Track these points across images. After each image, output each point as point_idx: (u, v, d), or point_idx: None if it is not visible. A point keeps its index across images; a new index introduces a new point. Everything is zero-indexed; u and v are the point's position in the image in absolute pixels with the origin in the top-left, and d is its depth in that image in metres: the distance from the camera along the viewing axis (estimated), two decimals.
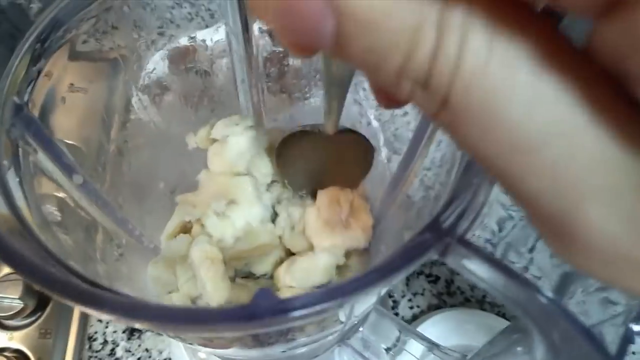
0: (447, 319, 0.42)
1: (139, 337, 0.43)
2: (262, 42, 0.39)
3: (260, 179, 0.26)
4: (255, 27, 0.34)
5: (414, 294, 0.45)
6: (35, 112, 0.16)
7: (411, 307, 0.44)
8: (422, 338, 0.24)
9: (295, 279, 0.23)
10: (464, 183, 0.12)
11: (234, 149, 0.26)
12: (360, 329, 0.25)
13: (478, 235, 0.12)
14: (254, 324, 0.09)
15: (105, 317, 0.10)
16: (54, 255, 0.13)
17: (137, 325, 0.11)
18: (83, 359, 0.42)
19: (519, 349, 0.15)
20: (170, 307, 0.10)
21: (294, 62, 0.39)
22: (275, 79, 0.37)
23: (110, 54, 0.36)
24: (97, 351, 0.42)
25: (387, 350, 0.25)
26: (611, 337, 0.13)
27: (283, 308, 0.09)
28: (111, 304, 0.09)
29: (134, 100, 0.35)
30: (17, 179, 0.14)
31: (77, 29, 0.27)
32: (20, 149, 0.15)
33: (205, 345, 0.19)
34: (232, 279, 0.24)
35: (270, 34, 0.41)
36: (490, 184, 0.11)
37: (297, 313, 0.09)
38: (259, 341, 0.17)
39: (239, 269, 0.25)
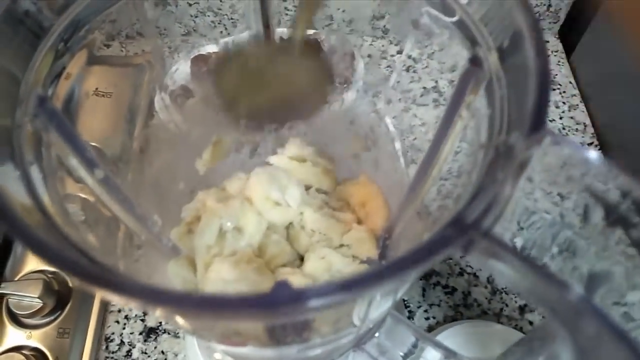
0: (463, 331, 0.41)
1: (155, 340, 0.43)
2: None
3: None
4: (277, 32, 0.35)
5: (430, 305, 0.44)
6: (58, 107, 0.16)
7: (427, 318, 0.44)
8: (439, 345, 0.24)
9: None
10: (488, 179, 0.12)
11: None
12: (376, 334, 0.25)
13: (501, 232, 0.12)
14: (272, 312, 0.09)
15: (127, 301, 0.10)
16: (77, 246, 0.13)
17: (157, 312, 0.11)
18: (100, 359, 0.42)
19: (540, 358, 0.15)
20: (190, 293, 0.10)
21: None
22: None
23: (135, 59, 0.36)
24: (113, 352, 0.43)
25: (404, 357, 0.24)
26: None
27: (301, 296, 0.09)
28: (133, 287, 0.10)
29: (157, 104, 0.36)
30: (41, 175, 0.15)
31: (99, 30, 0.27)
32: (43, 143, 0.15)
33: (221, 343, 0.19)
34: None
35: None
36: (516, 179, 0.11)
37: (314, 302, 0.09)
38: (275, 338, 0.16)
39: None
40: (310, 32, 0.42)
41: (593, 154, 0.12)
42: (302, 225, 0.26)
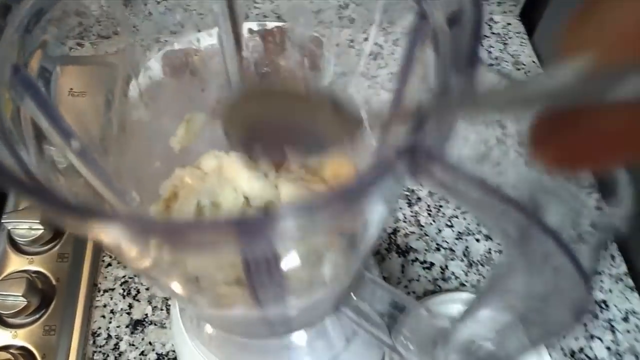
0: (442, 302, 0.43)
1: (142, 331, 0.44)
2: (251, 44, 0.40)
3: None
4: (245, 28, 0.36)
5: (410, 280, 0.46)
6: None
7: (407, 293, 0.45)
8: (411, 302, 0.25)
9: None
10: (430, 111, 0.13)
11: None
12: (353, 297, 0.26)
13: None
14: (242, 232, 0.10)
15: (118, 232, 0.10)
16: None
17: (147, 254, 0.11)
18: (87, 354, 0.43)
19: (502, 271, 0.16)
20: (169, 219, 0.11)
21: (284, 62, 0.40)
22: (266, 78, 0.39)
23: (106, 58, 0.37)
24: (101, 346, 0.43)
25: (382, 315, 0.26)
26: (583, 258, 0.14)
27: (268, 216, 0.10)
28: (125, 217, 0.10)
29: (131, 101, 0.36)
30: (22, 141, 0.15)
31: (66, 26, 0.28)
32: (21, 111, 0.16)
33: (212, 307, 0.20)
34: None
35: (261, 35, 0.42)
36: (456, 109, 0.12)
37: (280, 221, 0.10)
38: (254, 288, 0.17)
39: None
40: (279, 24, 0.43)
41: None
42: (278, 199, 0.27)
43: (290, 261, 0.17)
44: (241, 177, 0.25)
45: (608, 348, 0.43)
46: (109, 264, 0.47)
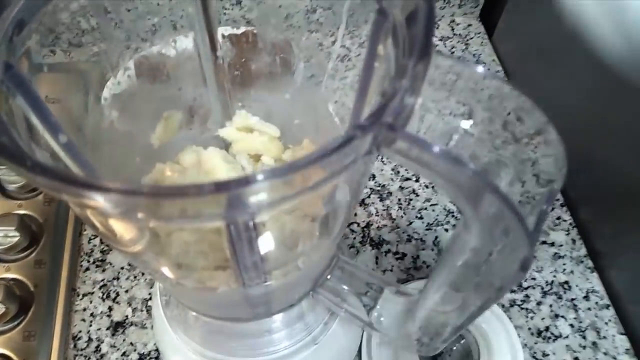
0: (414, 289, 0.45)
1: (123, 332, 0.44)
2: (224, 47, 0.42)
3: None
4: (220, 32, 0.37)
5: (384, 271, 0.48)
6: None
7: None
8: (382, 280, 0.27)
9: None
10: (390, 91, 0.15)
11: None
12: (328, 277, 0.28)
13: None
14: (222, 192, 0.12)
15: (105, 200, 0.12)
16: None
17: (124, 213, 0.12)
18: (69, 357, 0.43)
19: (460, 235, 0.17)
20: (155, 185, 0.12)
21: (256, 65, 0.42)
22: (239, 80, 0.40)
23: (79, 65, 0.38)
24: (82, 349, 0.43)
25: (359, 296, 0.27)
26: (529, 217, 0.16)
27: (247, 178, 0.12)
28: (111, 186, 0.12)
29: (104, 105, 0.37)
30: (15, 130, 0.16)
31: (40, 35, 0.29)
32: (13, 106, 0.17)
33: (197, 287, 0.21)
34: None
35: (231, 39, 0.43)
36: (414, 89, 0.14)
37: (257, 183, 0.12)
38: (238, 269, 0.19)
39: None
40: (249, 28, 0.45)
41: (479, 67, 0.16)
42: None
43: (268, 238, 0.19)
44: (219, 170, 0.26)
45: (571, 325, 0.45)
46: (87, 269, 0.47)
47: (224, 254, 0.23)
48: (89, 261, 0.48)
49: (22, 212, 0.48)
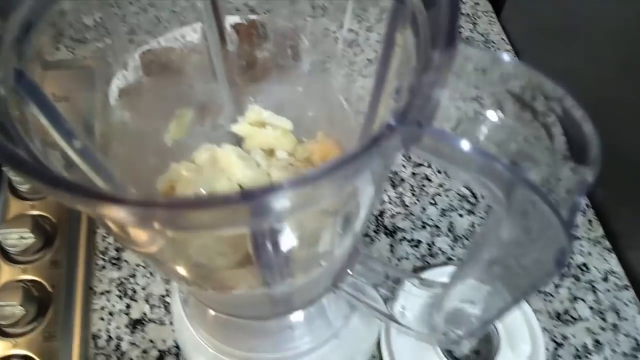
0: (431, 277, 0.44)
1: (142, 330, 0.44)
2: (233, 37, 0.41)
3: None
4: (228, 22, 0.36)
5: (399, 259, 0.47)
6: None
7: None
8: (404, 272, 0.26)
9: None
10: (416, 86, 0.14)
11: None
12: (350, 272, 0.27)
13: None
14: (249, 201, 0.11)
15: (120, 213, 0.11)
16: None
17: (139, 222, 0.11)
18: (90, 356, 0.43)
19: (491, 230, 0.17)
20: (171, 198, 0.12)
21: (265, 54, 0.41)
22: (249, 74, 0.40)
23: (84, 62, 0.37)
24: (102, 348, 0.44)
25: (376, 287, 0.27)
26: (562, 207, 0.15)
27: (269, 189, 0.11)
28: (127, 199, 0.11)
29: (112, 104, 0.37)
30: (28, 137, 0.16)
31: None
32: (26, 113, 0.16)
33: (217, 289, 0.21)
34: None
35: (237, 29, 0.43)
36: (440, 83, 0.14)
37: (283, 192, 0.12)
38: (261, 270, 0.18)
39: None
40: (253, 17, 0.44)
41: (505, 55, 0.15)
42: None
43: (292, 238, 0.19)
44: (235, 167, 0.26)
45: (591, 307, 0.45)
46: (103, 267, 0.47)
47: (244, 253, 0.23)
48: (104, 259, 0.48)
49: (35, 212, 0.48)
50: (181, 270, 0.24)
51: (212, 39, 0.31)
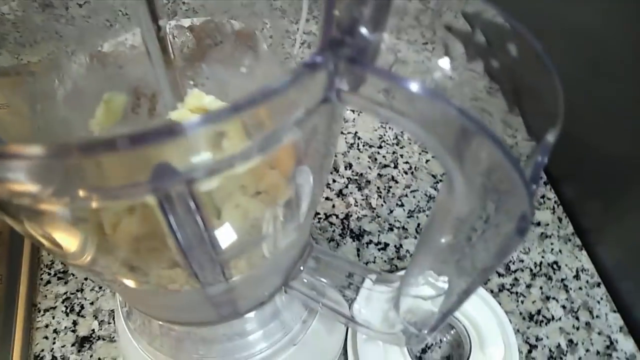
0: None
1: (90, 348, 0.41)
2: (181, 39, 0.39)
3: None
4: (173, 24, 0.34)
5: (366, 263, 0.45)
6: None
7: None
8: (365, 269, 0.24)
9: None
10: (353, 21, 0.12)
11: None
12: (302, 268, 0.25)
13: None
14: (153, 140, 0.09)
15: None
16: None
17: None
18: None
19: (443, 202, 0.15)
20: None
21: (219, 55, 0.39)
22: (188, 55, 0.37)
23: (29, 67, 0.35)
24: None
25: (338, 287, 0.25)
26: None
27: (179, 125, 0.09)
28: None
29: (59, 108, 0.34)
30: None
31: None
32: None
33: (160, 287, 0.18)
34: None
35: (191, 29, 0.41)
36: (379, 20, 0.12)
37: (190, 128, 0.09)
38: (186, 259, 0.16)
39: None
40: (208, 18, 0.42)
41: None
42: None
43: (216, 221, 0.16)
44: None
45: (563, 307, 0.44)
46: (48, 282, 0.44)
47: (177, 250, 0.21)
48: (49, 274, 0.44)
49: None
50: (120, 276, 0.22)
51: (151, 42, 0.29)
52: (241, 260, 0.19)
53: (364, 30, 0.11)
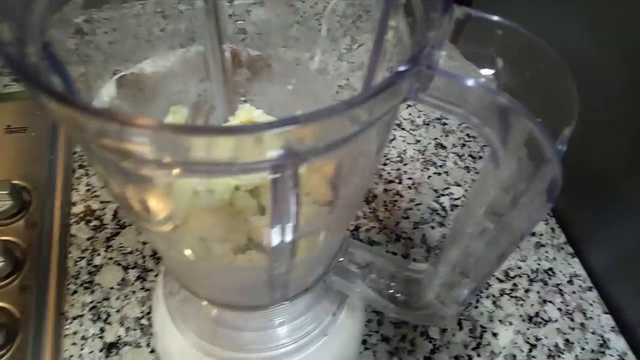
0: None
1: (117, 354, 0.43)
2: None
3: None
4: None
5: None
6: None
7: None
8: (393, 260, 0.28)
9: None
10: (422, 39, 0.16)
11: None
12: (341, 259, 0.28)
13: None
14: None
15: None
16: None
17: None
18: None
19: (488, 173, 0.19)
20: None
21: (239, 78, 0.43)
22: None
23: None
24: None
25: (368, 275, 0.28)
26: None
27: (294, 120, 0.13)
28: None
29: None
30: None
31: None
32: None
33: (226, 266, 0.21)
34: None
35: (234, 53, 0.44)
36: (442, 37, 0.15)
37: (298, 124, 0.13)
38: (274, 219, 0.19)
39: None
40: (228, 46, 0.46)
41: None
42: (265, 183, 0.29)
43: (303, 198, 0.19)
44: None
45: (559, 309, 0.47)
46: (75, 291, 0.46)
47: (243, 237, 0.24)
48: (76, 284, 0.46)
49: (3, 238, 0.47)
50: (192, 247, 0.24)
51: (212, 59, 0.32)
52: (306, 240, 0.22)
53: (433, 43, 0.15)
